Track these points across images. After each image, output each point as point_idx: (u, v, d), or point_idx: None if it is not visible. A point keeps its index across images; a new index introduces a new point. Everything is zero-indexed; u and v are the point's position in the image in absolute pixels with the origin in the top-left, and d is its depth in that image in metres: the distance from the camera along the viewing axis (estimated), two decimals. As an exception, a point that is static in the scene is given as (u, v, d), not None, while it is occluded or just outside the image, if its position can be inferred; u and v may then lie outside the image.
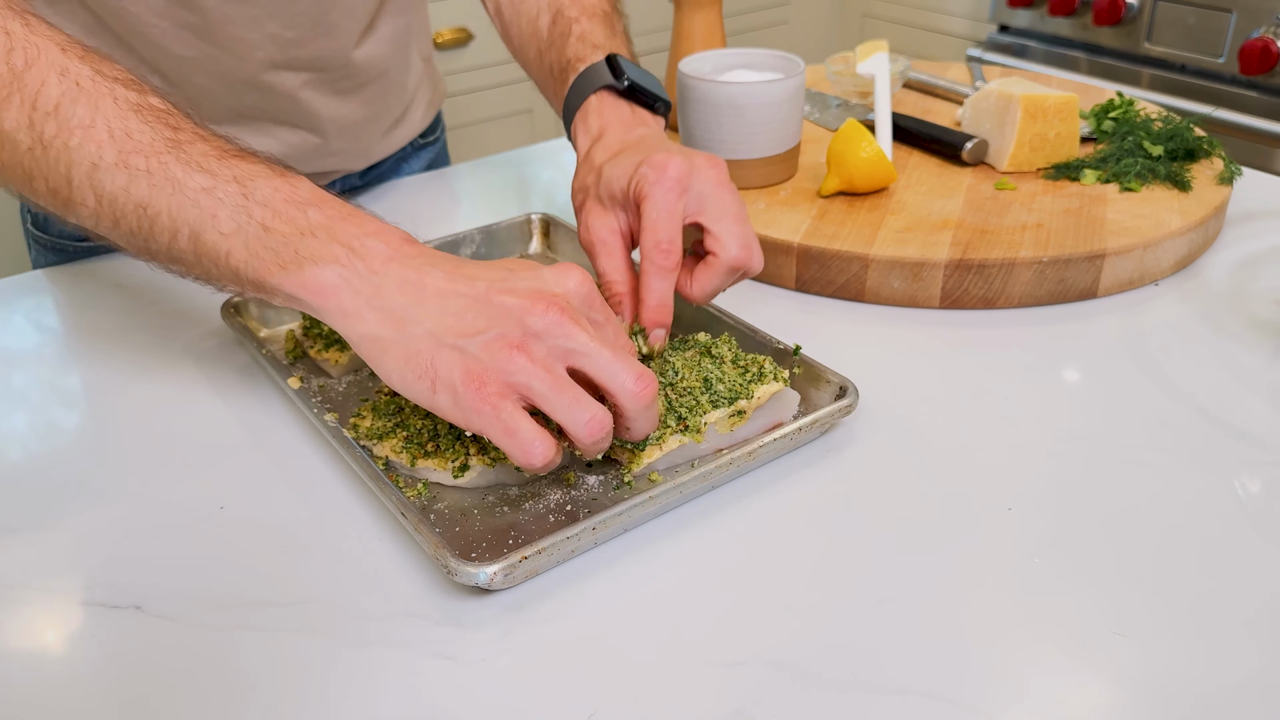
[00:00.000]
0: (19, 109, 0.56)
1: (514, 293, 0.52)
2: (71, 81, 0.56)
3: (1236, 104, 1.91)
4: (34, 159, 0.57)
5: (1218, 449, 0.62)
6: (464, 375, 0.50)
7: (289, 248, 0.54)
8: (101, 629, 0.51)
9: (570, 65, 0.73)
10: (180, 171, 0.55)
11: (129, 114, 0.56)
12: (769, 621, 0.50)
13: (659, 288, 0.61)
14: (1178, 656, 0.48)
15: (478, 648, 0.50)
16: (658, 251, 0.60)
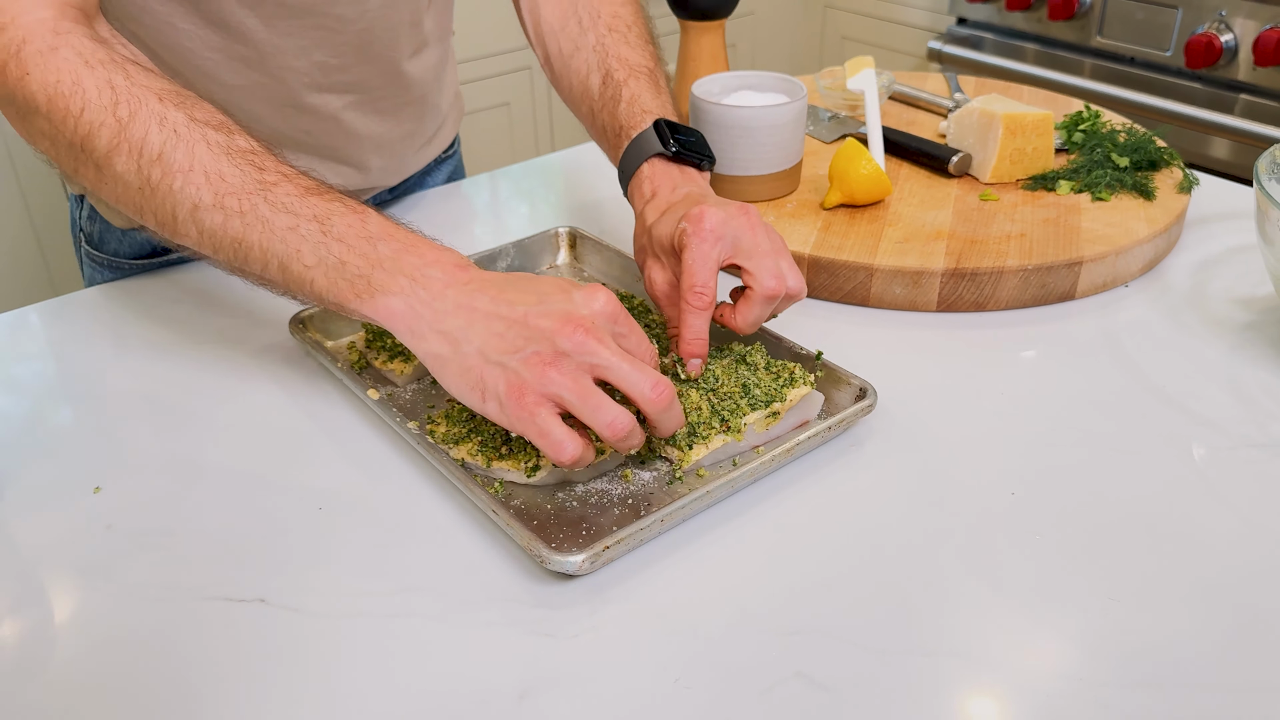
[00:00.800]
0: (127, 156, 0.64)
1: (548, 316, 0.60)
2: (170, 130, 0.64)
3: (1181, 95, 2.02)
4: (144, 198, 0.65)
5: (1186, 435, 0.71)
6: (507, 387, 0.59)
7: (363, 279, 0.63)
8: (231, 622, 0.58)
9: (623, 131, 0.80)
10: (268, 211, 0.64)
11: (221, 157, 0.64)
12: (816, 597, 0.59)
13: (694, 325, 0.69)
14: (1164, 617, 0.57)
15: (570, 625, 0.58)
16: (691, 294, 0.69)
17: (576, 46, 0.86)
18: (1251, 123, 1.91)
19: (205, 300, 0.89)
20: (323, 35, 0.86)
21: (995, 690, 0.53)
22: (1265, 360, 0.79)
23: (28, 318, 0.89)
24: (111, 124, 0.64)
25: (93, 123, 0.65)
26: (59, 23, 0.66)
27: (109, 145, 0.64)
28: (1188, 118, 1.98)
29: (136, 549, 0.63)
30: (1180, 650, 0.55)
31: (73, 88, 0.65)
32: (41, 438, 0.73)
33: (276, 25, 0.83)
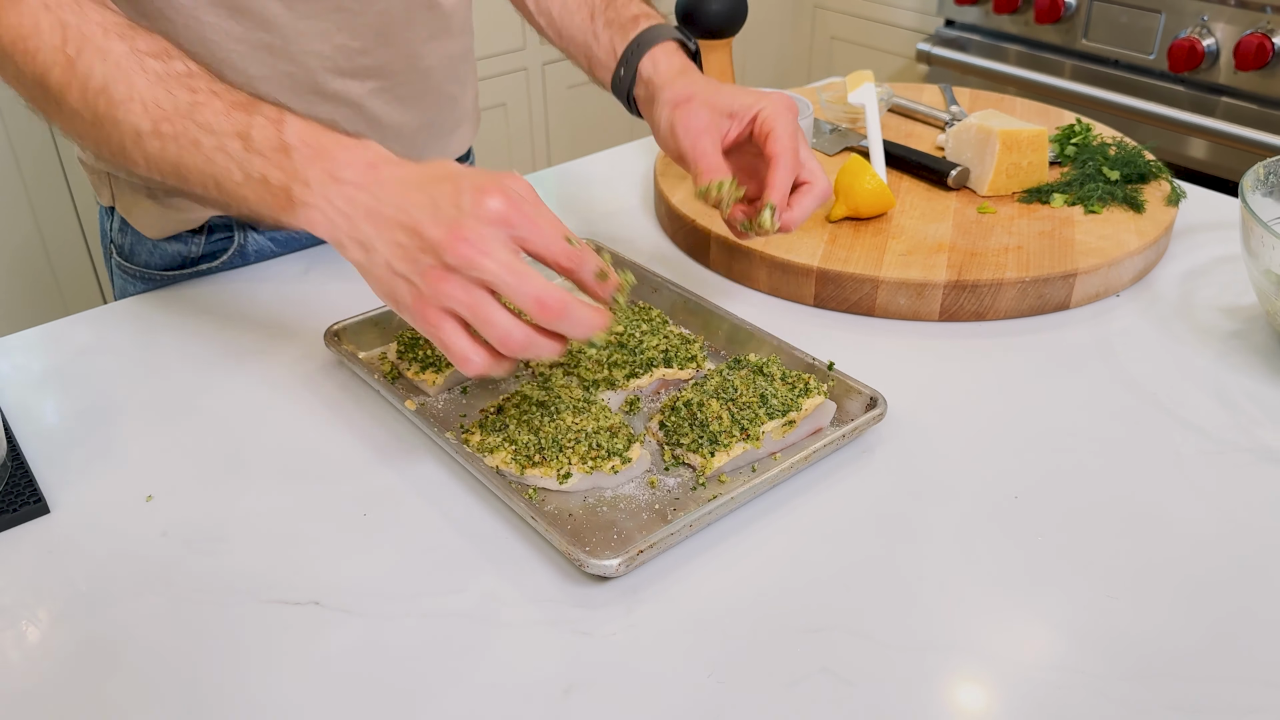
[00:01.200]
0: (78, 92, 0.69)
1: (438, 224, 0.60)
2: (112, 63, 0.68)
3: (1164, 97, 2.08)
4: (95, 130, 0.69)
5: (1176, 440, 0.76)
6: (412, 300, 0.62)
7: (284, 192, 0.65)
8: (288, 625, 0.62)
9: (638, 18, 0.88)
10: (198, 133, 0.67)
11: (156, 84, 0.68)
12: (835, 595, 0.63)
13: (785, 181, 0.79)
14: (1158, 612, 0.61)
15: (608, 624, 0.62)
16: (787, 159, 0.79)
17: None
18: (1232, 125, 1.96)
19: (236, 313, 0.93)
20: (343, 18, 0.89)
21: (1001, 682, 0.58)
22: (1250, 368, 0.84)
23: (66, 330, 0.92)
24: (62, 61, 0.68)
25: (47, 62, 0.69)
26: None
27: (61, 82, 0.68)
28: (1170, 119, 2.03)
29: (191, 555, 0.67)
30: (1174, 642, 0.59)
31: (32, 29, 0.69)
32: (90, 449, 0.77)
33: (297, 8, 0.86)
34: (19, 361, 0.87)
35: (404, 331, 0.84)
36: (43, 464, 0.75)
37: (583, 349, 0.81)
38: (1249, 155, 1.95)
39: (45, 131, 1.76)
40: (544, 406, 0.75)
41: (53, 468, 0.75)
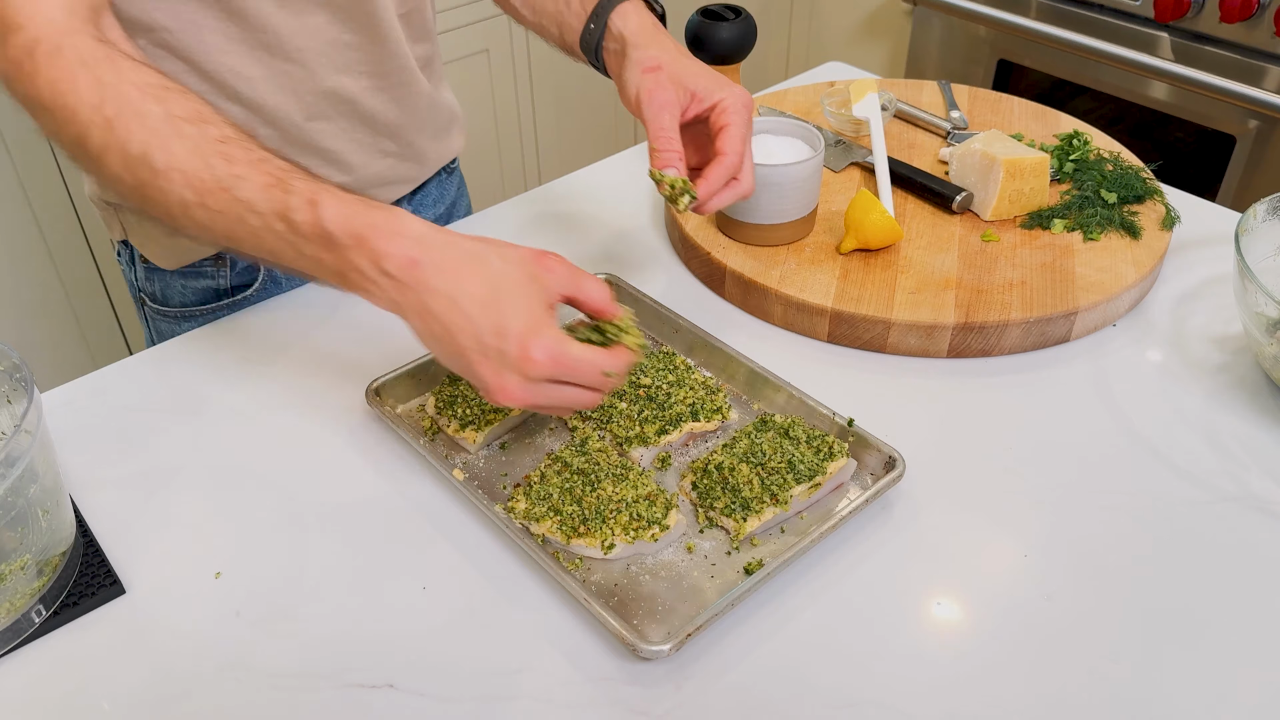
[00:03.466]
0: (117, 156, 0.70)
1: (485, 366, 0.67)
2: (149, 129, 0.70)
3: (1148, 45, 2.09)
4: (140, 196, 0.71)
5: (1169, 491, 0.82)
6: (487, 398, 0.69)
7: (339, 277, 0.70)
8: (366, 709, 0.67)
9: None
10: (242, 210, 0.69)
11: (193, 154, 0.70)
12: (866, 665, 0.69)
13: (721, 178, 0.84)
14: (1166, 674, 0.68)
15: (660, 702, 0.68)
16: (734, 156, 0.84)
17: None
18: (1215, 76, 1.99)
19: (273, 353, 0.96)
20: (333, 12, 0.91)
21: (1021, 754, 0.64)
22: (1237, 406, 0.89)
23: (108, 382, 0.95)
24: (100, 123, 0.70)
25: (85, 122, 0.70)
26: (69, 22, 0.71)
27: (100, 145, 0.70)
28: (1154, 69, 2.05)
29: (266, 637, 0.72)
30: (1180, 706, 0.66)
31: (70, 86, 0.70)
32: (152, 518, 0.81)
33: (290, 5, 0.88)
34: (67, 418, 0.90)
35: (442, 388, 0.88)
36: (108, 536, 0.79)
37: (614, 403, 0.86)
38: (1232, 108, 1.98)
39: (56, 172, 1.74)
40: (584, 474, 0.79)
41: (119, 541, 0.79)
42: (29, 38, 0.71)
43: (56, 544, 0.73)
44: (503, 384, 0.67)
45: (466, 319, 0.67)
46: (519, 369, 0.67)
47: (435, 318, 0.67)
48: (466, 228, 1.16)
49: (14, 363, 0.74)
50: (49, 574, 0.73)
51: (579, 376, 0.69)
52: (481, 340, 0.67)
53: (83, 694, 0.69)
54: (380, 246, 0.67)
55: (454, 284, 0.67)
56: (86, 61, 0.70)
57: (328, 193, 0.69)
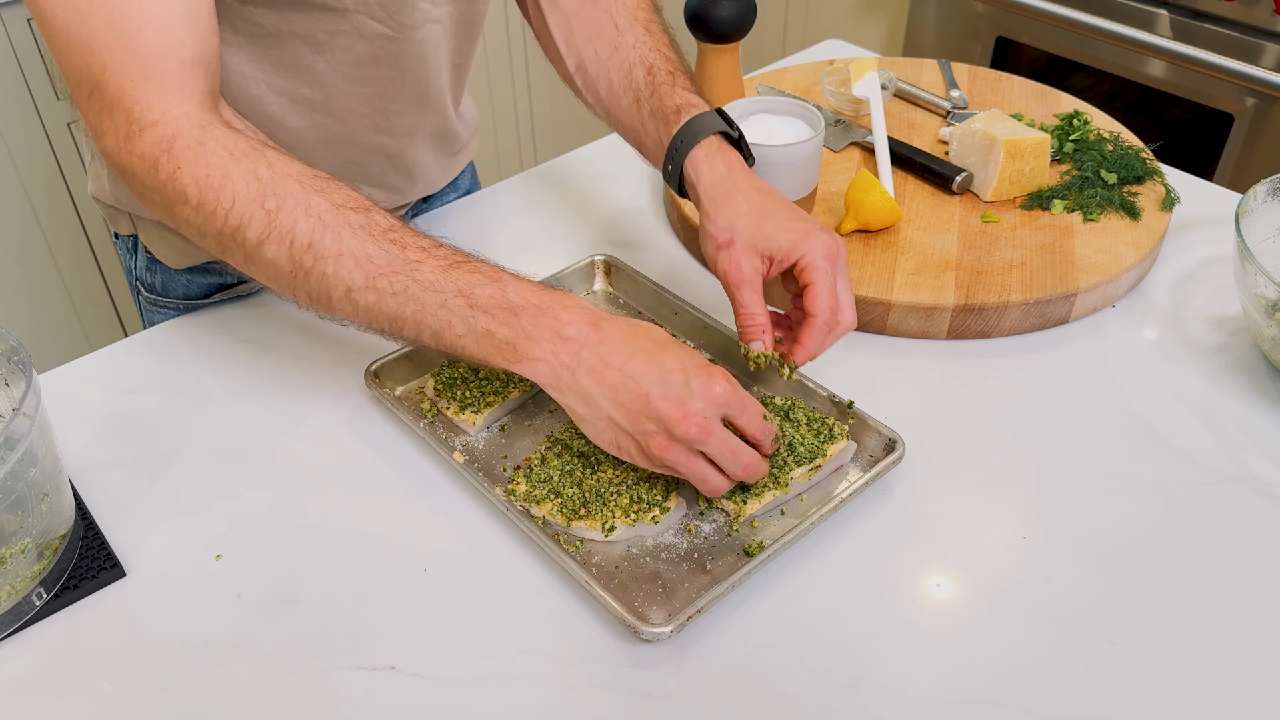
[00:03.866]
0: (278, 245, 0.71)
1: (667, 399, 0.69)
2: (316, 217, 0.71)
3: (1147, 23, 2.08)
4: (297, 281, 0.72)
5: (1168, 473, 0.82)
6: (637, 453, 0.72)
7: (510, 346, 0.72)
8: (369, 691, 0.68)
9: (680, 109, 0.86)
10: (418, 290, 0.72)
11: (365, 240, 0.72)
12: (865, 646, 0.70)
13: (819, 342, 0.79)
14: (1165, 656, 0.69)
15: (662, 683, 0.68)
16: (826, 314, 0.78)
17: (615, 47, 0.92)
18: (1214, 54, 1.98)
19: (272, 339, 0.96)
20: (385, 85, 0.90)
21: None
22: (1236, 388, 0.90)
23: (106, 363, 0.95)
24: (261, 215, 0.71)
25: (243, 214, 0.71)
26: (201, 115, 0.72)
27: (260, 236, 0.71)
28: (1151, 46, 2.04)
29: (267, 619, 0.72)
30: (1177, 688, 0.67)
31: (222, 181, 0.71)
32: (151, 500, 0.81)
33: (343, 71, 0.87)
34: (65, 400, 0.90)
35: (441, 370, 0.88)
36: (108, 519, 0.79)
37: None
38: (1230, 86, 1.97)
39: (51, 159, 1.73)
40: (584, 457, 0.79)
41: (119, 524, 0.79)
42: (164, 134, 0.71)
43: (56, 527, 0.73)
44: (686, 411, 0.68)
45: (650, 362, 0.70)
46: (703, 394, 0.69)
47: (615, 369, 0.70)
48: (467, 206, 1.15)
49: (11, 345, 0.73)
50: (49, 557, 0.73)
51: (747, 412, 0.71)
52: (666, 378, 0.69)
53: (84, 676, 0.69)
54: (562, 315, 0.71)
55: (632, 341, 0.71)
56: (235, 155, 0.71)
57: (509, 273, 0.73)
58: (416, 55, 0.90)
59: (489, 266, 0.74)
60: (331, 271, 0.71)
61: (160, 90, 0.71)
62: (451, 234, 1.10)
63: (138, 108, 0.71)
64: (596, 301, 1.01)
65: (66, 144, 1.71)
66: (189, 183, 0.71)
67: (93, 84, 0.71)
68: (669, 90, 0.88)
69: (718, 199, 0.82)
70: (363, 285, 0.71)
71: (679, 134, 0.85)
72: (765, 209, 0.81)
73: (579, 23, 0.94)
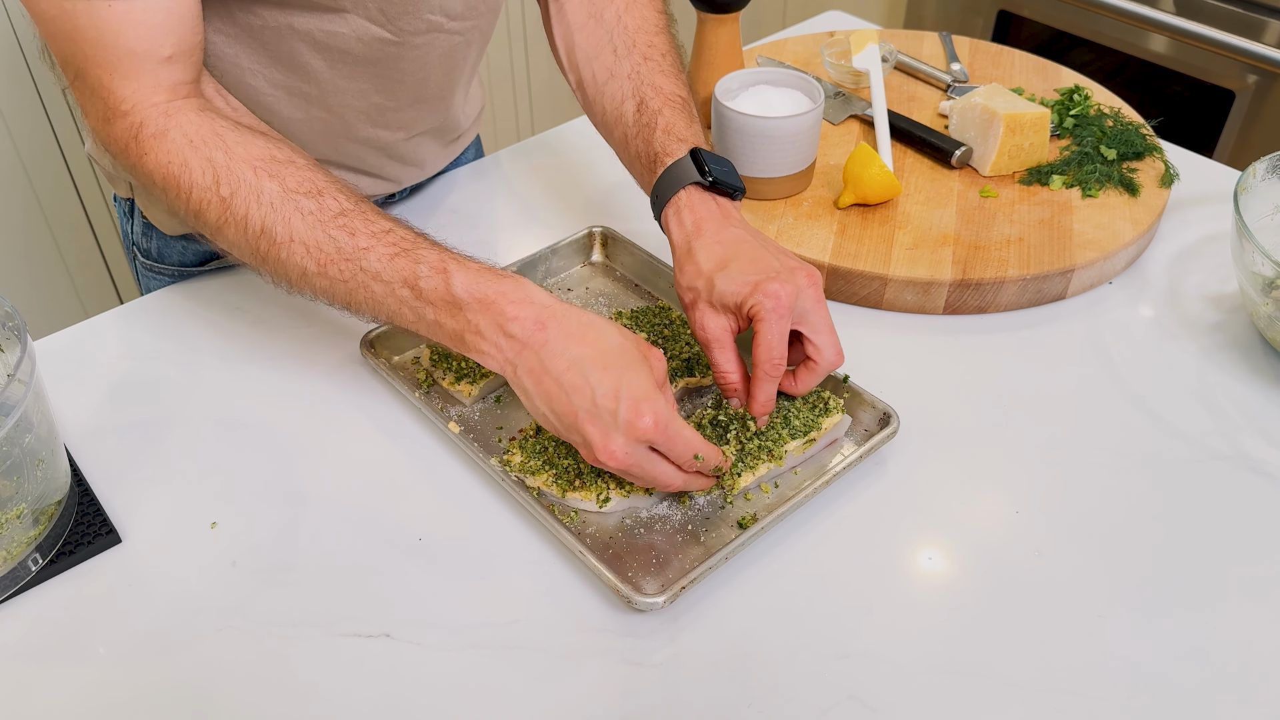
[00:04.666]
0: (235, 230, 0.73)
1: (594, 425, 0.69)
2: (267, 204, 0.72)
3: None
4: (258, 263, 0.74)
5: (1160, 448, 0.82)
6: (586, 455, 0.71)
7: (457, 337, 0.73)
8: (364, 658, 0.68)
9: (658, 159, 0.84)
10: (366, 279, 0.72)
11: (315, 227, 0.72)
12: (858, 619, 0.70)
13: (768, 390, 0.77)
14: (1153, 632, 0.69)
15: (655, 653, 0.68)
16: (770, 365, 0.75)
17: (611, 74, 0.90)
18: (1216, 30, 1.97)
19: (266, 309, 0.95)
20: (382, 83, 0.90)
21: (1017, 705, 0.65)
22: (1231, 365, 0.90)
23: (100, 329, 0.94)
24: (216, 202, 0.72)
25: (201, 200, 0.72)
26: (170, 104, 0.73)
27: (218, 221, 0.73)
28: (1153, 21, 2.03)
29: (263, 585, 0.73)
30: (1165, 663, 0.67)
31: (181, 169, 0.72)
32: (147, 467, 0.81)
33: (340, 69, 0.86)
34: (60, 366, 0.90)
35: (436, 340, 0.88)
36: (104, 485, 0.79)
37: None
38: (1231, 62, 1.96)
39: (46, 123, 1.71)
40: (580, 428, 0.79)
41: (115, 490, 0.79)
42: (133, 122, 0.73)
43: (52, 493, 0.73)
44: (607, 444, 0.68)
45: (584, 380, 0.69)
46: (626, 430, 0.68)
47: (552, 377, 0.70)
48: (472, 174, 1.15)
49: (6, 311, 0.73)
50: (45, 523, 0.73)
51: (674, 450, 0.70)
52: (595, 401, 0.69)
53: (79, 642, 0.69)
54: (507, 310, 0.71)
55: (575, 349, 0.70)
56: (194, 142, 0.73)
57: (455, 261, 0.72)
58: (417, 59, 0.90)
59: (435, 254, 0.72)
60: (285, 257, 0.73)
61: (135, 84, 0.73)
62: (455, 202, 1.11)
63: (113, 98, 0.73)
64: (594, 273, 1.01)
65: (60, 107, 1.70)
66: (153, 168, 0.73)
67: (76, 70, 0.74)
68: (650, 134, 0.86)
69: (682, 259, 0.81)
70: (315, 271, 0.73)
71: (655, 189, 0.84)
72: (723, 260, 0.78)
73: (581, 39, 0.93)
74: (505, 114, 2.39)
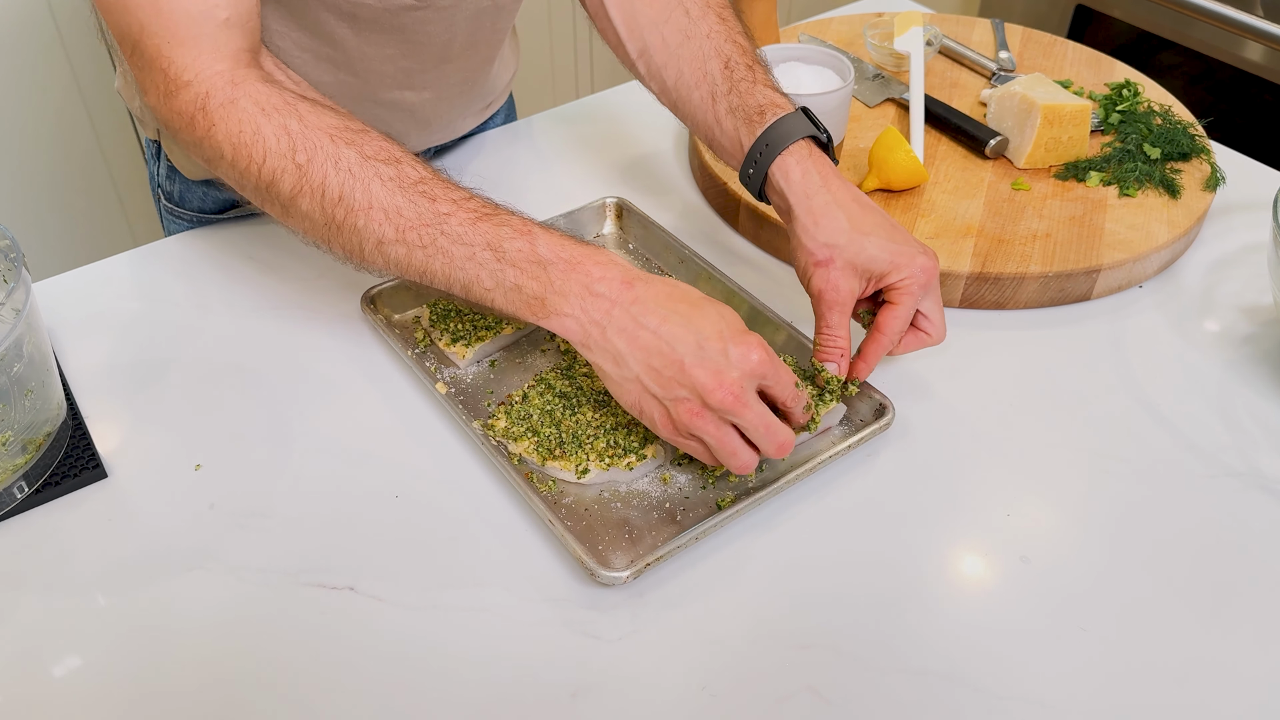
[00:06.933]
0: (310, 199, 0.71)
1: (703, 367, 0.66)
2: (345, 170, 0.71)
3: (1244, 2, 1.97)
4: (330, 233, 0.72)
5: (1172, 459, 0.79)
6: (661, 420, 0.69)
7: (538, 301, 0.70)
8: (325, 609, 0.68)
9: (765, 109, 0.81)
10: (447, 243, 0.70)
11: (395, 192, 0.71)
12: (826, 611, 0.68)
13: (878, 355, 0.78)
14: (1137, 647, 0.66)
15: (615, 628, 0.67)
16: (895, 335, 0.77)
17: (687, 35, 0.87)
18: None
19: (280, 259, 0.96)
20: (408, 47, 0.89)
21: (977, 711, 0.63)
22: (1257, 380, 0.85)
23: (114, 269, 0.96)
24: (292, 170, 0.71)
25: (275, 169, 0.71)
26: (235, 72, 0.72)
27: (292, 190, 0.71)
28: (1247, 27, 1.94)
29: (237, 530, 0.73)
30: (1141, 681, 0.65)
31: (254, 137, 0.71)
32: (141, 407, 0.82)
33: (366, 36, 0.86)
34: (70, 303, 0.92)
35: (437, 300, 0.87)
36: (99, 422, 0.80)
37: None
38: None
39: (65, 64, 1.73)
40: (566, 398, 0.78)
41: (109, 427, 0.80)
42: (198, 93, 0.72)
43: (41, 424, 0.75)
44: (721, 380, 0.66)
45: (685, 328, 0.67)
46: (740, 363, 0.67)
47: (649, 330, 0.68)
48: (502, 137, 1.14)
49: (8, 242, 0.74)
50: (33, 451, 0.74)
51: (781, 380, 0.69)
52: (701, 345, 0.67)
53: (55, 570, 0.70)
54: (593, 271, 0.69)
55: (666, 303, 0.69)
56: (266, 110, 0.71)
57: (539, 226, 0.71)
58: (443, 22, 0.89)
59: (519, 219, 0.72)
60: (362, 224, 0.71)
61: (195, 51, 0.72)
62: (481, 165, 1.10)
63: (173, 68, 0.72)
64: (606, 244, 0.99)
65: (79, 45, 1.70)
66: (223, 140, 0.71)
67: (132, 43, 0.73)
68: (749, 87, 0.83)
69: (815, 211, 0.78)
70: (392, 238, 0.71)
71: (763, 136, 0.81)
72: (866, 226, 0.77)
73: (643, 6, 0.89)
74: (563, 78, 2.36)
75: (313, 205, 0.71)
